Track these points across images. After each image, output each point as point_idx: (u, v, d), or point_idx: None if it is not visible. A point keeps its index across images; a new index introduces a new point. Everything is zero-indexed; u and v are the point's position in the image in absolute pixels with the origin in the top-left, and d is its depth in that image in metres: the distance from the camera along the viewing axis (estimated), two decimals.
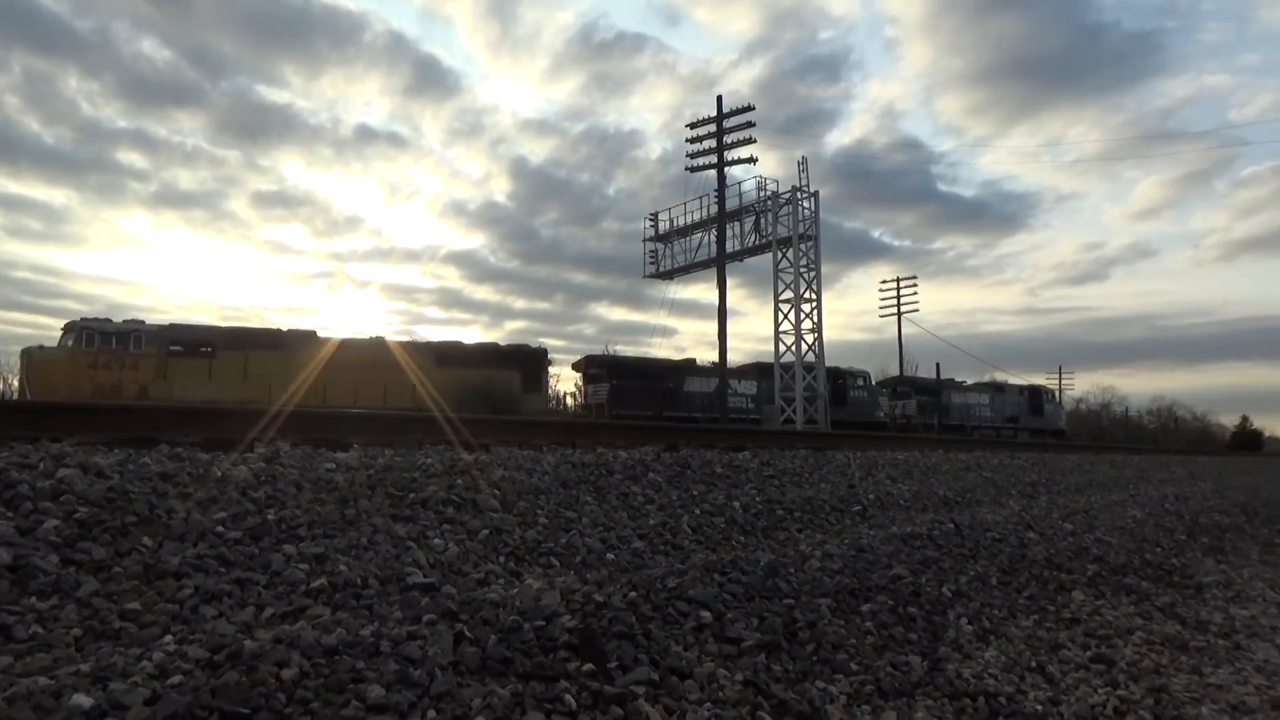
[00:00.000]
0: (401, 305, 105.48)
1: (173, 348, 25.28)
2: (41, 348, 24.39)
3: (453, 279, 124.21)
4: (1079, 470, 14.77)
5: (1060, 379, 73.86)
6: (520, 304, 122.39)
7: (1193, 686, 4.79)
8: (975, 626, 4.75)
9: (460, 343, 29.81)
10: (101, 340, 24.34)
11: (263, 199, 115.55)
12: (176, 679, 2.51)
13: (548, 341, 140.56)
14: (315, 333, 27.72)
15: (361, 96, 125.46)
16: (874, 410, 38.68)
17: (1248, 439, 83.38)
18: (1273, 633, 6.16)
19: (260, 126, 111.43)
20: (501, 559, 4.29)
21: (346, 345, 27.46)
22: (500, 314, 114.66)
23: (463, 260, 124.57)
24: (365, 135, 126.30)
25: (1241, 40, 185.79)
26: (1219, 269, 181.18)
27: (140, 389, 24.01)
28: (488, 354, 29.28)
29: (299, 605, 3.31)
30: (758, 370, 36.36)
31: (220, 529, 3.78)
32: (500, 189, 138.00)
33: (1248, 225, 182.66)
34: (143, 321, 25.45)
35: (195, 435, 5.30)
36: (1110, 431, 71.73)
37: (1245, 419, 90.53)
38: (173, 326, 25.74)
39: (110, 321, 24.91)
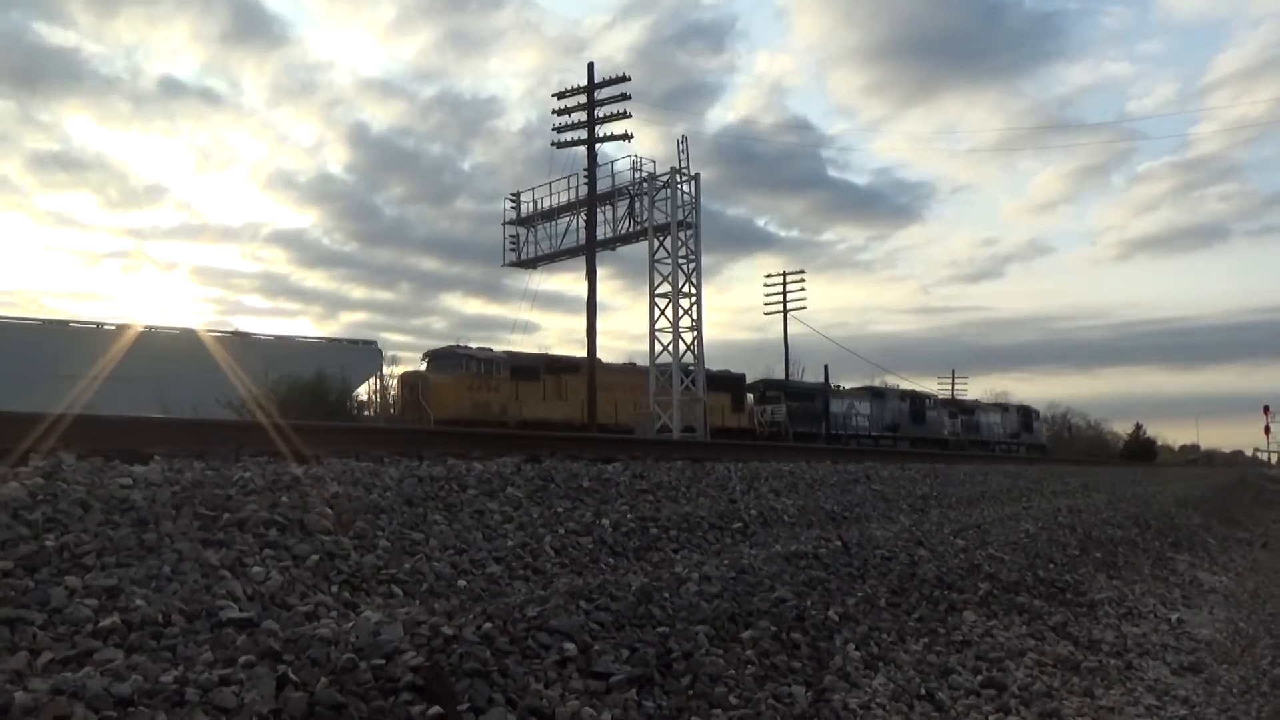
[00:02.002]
0: (216, 292, 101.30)
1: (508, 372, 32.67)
2: (432, 374, 31.96)
3: (278, 262, 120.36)
4: (971, 482, 15.57)
5: (953, 384, 77.54)
6: (359, 293, 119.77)
7: (1085, 710, 5.13)
8: (863, 652, 4.94)
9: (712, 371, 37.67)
10: (475, 367, 32.09)
11: (41, 161, 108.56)
12: None
13: (391, 337, 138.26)
14: (599, 360, 35.86)
15: (167, 43, 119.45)
16: (941, 429, 49.69)
17: (1140, 448, 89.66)
18: (1164, 650, 6.66)
19: (39, 73, 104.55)
20: (334, 588, 4.20)
21: (612, 370, 36.51)
22: (335, 304, 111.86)
23: (291, 241, 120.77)
24: (171, 89, 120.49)
25: (1142, 27, 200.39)
26: (1115, 268, 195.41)
27: (500, 408, 31.29)
28: (711, 378, 36.96)
29: (85, 648, 3.14)
30: (871, 393, 47.09)
31: None
32: (336, 159, 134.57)
33: (1144, 223, 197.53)
34: (491, 349, 33.41)
35: None
36: None
37: (1139, 427, 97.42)
38: (512, 354, 33.41)
39: (470, 348, 33.04)
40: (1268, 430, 75.60)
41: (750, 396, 42.32)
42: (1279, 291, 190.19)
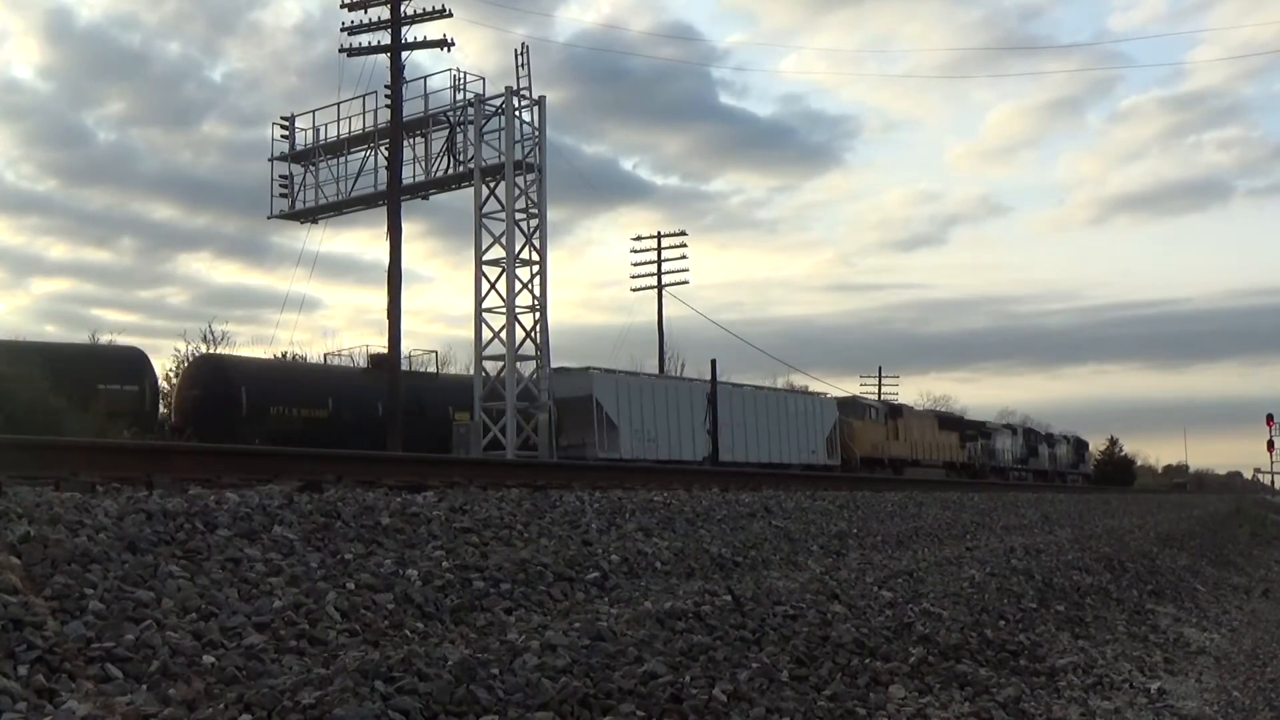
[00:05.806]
0: None
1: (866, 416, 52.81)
2: (851, 418, 49.83)
3: None
4: (902, 515, 16.06)
5: (880, 385, 79.80)
6: (59, 252, 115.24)
7: None
8: None
9: (948, 413, 65.55)
10: (870, 413, 51.76)
11: None
12: None
13: (110, 315, 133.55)
14: (906, 405, 62.31)
15: None
16: (1045, 461, 74.74)
17: (1116, 469, 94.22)
18: None
19: None
20: (22, 670, 4.10)
21: (911, 413, 58.89)
22: (23, 267, 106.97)
23: None
24: None
25: None
26: (1087, 235, 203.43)
27: (882, 449, 50.05)
28: (955, 421, 63.96)
29: None
30: (1009, 430, 72.11)
31: None
32: (27, 59, 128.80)
33: (1125, 177, 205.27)
34: (861, 397, 56.08)
35: None
36: None
37: (1113, 442, 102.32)
38: (883, 401, 55.51)
39: (866, 399, 56.14)
40: (1271, 446, 79.70)
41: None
42: None
